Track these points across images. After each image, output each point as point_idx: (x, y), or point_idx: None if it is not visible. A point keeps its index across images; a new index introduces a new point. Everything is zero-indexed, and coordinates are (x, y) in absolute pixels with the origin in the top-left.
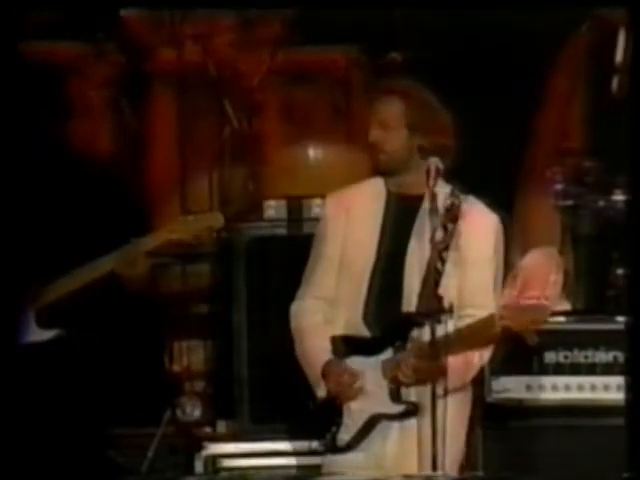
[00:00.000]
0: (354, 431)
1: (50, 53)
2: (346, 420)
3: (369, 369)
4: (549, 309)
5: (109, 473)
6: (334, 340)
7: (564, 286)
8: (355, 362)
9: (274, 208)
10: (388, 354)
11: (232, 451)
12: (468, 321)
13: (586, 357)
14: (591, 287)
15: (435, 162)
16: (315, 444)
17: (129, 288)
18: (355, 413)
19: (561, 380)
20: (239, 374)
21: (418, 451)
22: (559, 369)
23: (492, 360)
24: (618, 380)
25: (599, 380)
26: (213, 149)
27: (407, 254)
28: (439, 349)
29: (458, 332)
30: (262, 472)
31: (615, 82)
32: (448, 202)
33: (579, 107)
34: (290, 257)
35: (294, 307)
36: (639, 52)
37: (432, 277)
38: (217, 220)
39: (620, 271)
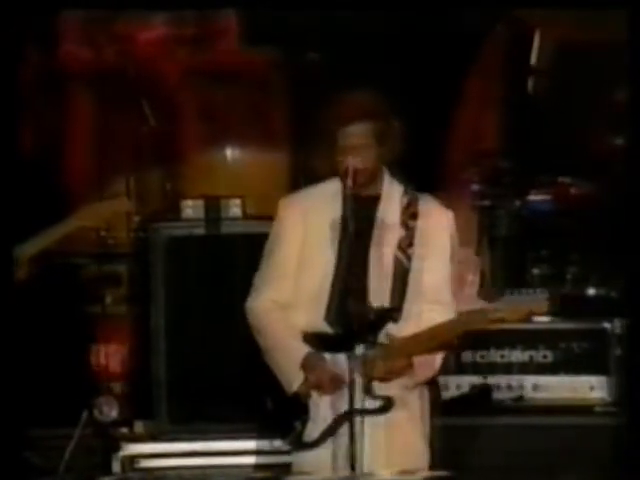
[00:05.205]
0: (322, 427)
1: None
2: (313, 416)
3: (338, 365)
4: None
5: (25, 473)
6: (305, 336)
7: (480, 286)
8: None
9: (192, 208)
10: (359, 350)
11: (149, 451)
12: (433, 316)
13: (502, 356)
14: (507, 287)
15: (353, 163)
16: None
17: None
18: (323, 409)
19: (478, 379)
20: (157, 374)
21: (389, 447)
22: (476, 368)
23: None
24: (534, 379)
25: (515, 379)
26: (131, 148)
27: (370, 255)
28: (411, 347)
29: (430, 331)
30: (179, 472)
31: (530, 83)
32: (405, 200)
33: (495, 108)
34: (208, 257)
35: (252, 307)
36: (637, 52)
37: (400, 275)
38: (123, 204)
39: (536, 271)
